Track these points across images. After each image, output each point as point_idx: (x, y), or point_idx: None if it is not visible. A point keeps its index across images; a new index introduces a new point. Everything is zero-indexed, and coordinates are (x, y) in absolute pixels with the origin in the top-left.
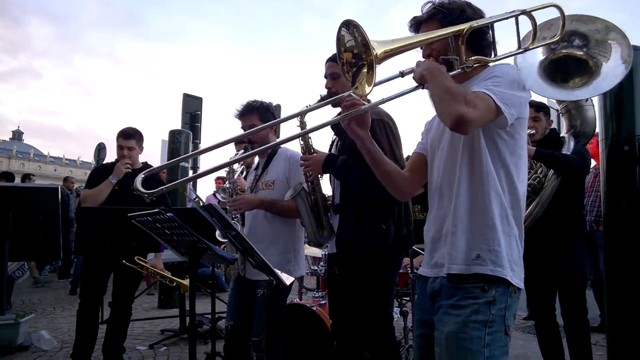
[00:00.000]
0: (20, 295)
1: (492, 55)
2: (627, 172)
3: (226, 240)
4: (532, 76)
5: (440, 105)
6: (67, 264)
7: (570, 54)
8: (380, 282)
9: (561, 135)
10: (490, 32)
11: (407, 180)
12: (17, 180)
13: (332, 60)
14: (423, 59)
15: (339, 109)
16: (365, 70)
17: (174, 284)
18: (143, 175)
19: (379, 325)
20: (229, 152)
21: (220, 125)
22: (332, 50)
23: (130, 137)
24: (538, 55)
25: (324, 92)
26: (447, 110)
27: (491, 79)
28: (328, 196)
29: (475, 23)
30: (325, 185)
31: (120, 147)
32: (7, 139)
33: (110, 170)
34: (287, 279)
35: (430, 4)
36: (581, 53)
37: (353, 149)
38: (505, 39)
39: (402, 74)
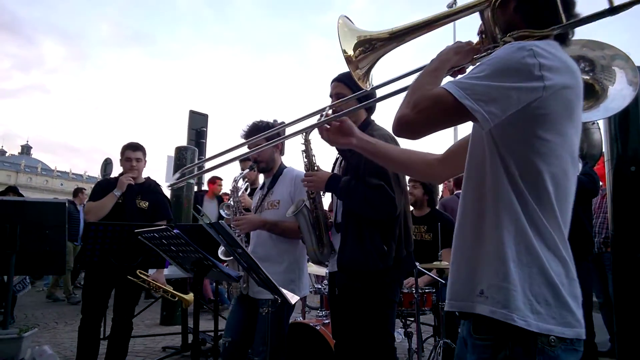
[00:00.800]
0: (23, 309)
1: (557, 24)
2: (634, 192)
3: (229, 258)
4: None
5: None
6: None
7: None
8: (381, 302)
9: None
10: None
11: (430, 165)
12: (28, 194)
13: (336, 80)
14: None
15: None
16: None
17: (176, 298)
18: (179, 174)
19: (379, 345)
20: (234, 169)
21: (226, 142)
22: (337, 69)
23: (137, 149)
24: None
25: (329, 111)
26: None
27: (476, 67)
28: (329, 214)
29: None
30: (327, 202)
31: (128, 159)
32: (16, 154)
33: (114, 185)
34: (293, 298)
35: None
36: (587, 77)
37: (357, 170)
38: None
39: None
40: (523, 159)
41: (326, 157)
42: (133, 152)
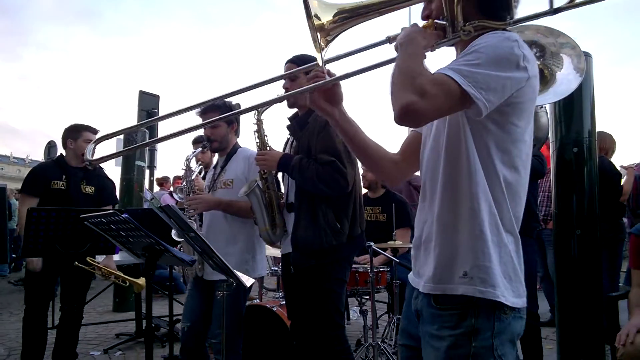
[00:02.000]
0: None
1: (508, 19)
2: (576, 173)
3: (182, 240)
4: None
5: (390, 91)
6: None
7: None
8: (330, 280)
9: None
10: None
11: (396, 163)
12: None
13: (290, 62)
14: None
15: (294, 110)
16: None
17: (127, 283)
18: (94, 145)
19: (328, 323)
20: (187, 147)
21: (178, 124)
22: (291, 50)
23: (97, 133)
24: None
25: (282, 92)
26: (393, 98)
27: (469, 54)
28: (281, 194)
29: None
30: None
31: (88, 141)
32: None
33: (53, 170)
34: (247, 280)
35: None
36: (538, 63)
37: (309, 149)
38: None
39: (389, 40)
40: (499, 144)
41: (278, 137)
42: (95, 135)
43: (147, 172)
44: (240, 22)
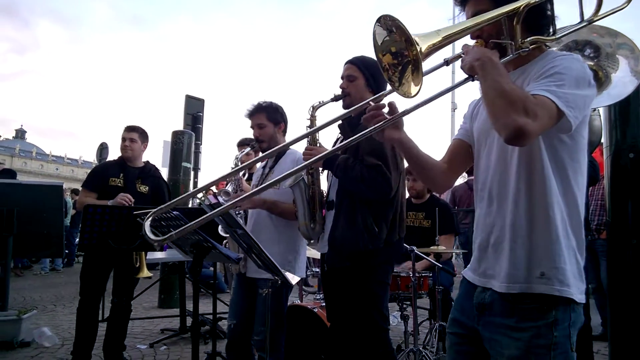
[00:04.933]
0: (21, 292)
1: (552, 34)
2: (632, 179)
3: (228, 235)
4: None
5: (494, 111)
6: None
7: None
8: (370, 282)
9: None
10: (549, 6)
11: (445, 172)
12: (23, 179)
13: (350, 62)
14: (471, 43)
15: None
16: (410, 68)
17: (138, 265)
18: (151, 218)
19: (371, 324)
20: (233, 152)
21: (222, 127)
22: (337, 53)
23: (133, 130)
24: None
25: (338, 91)
26: (503, 120)
27: (552, 77)
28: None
29: None
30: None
31: (122, 139)
32: (11, 138)
33: (113, 168)
34: (293, 279)
35: None
36: (592, 63)
37: (356, 149)
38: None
39: (447, 62)
40: (572, 155)
41: (329, 135)
42: (127, 133)
43: (192, 173)
44: (283, 30)
